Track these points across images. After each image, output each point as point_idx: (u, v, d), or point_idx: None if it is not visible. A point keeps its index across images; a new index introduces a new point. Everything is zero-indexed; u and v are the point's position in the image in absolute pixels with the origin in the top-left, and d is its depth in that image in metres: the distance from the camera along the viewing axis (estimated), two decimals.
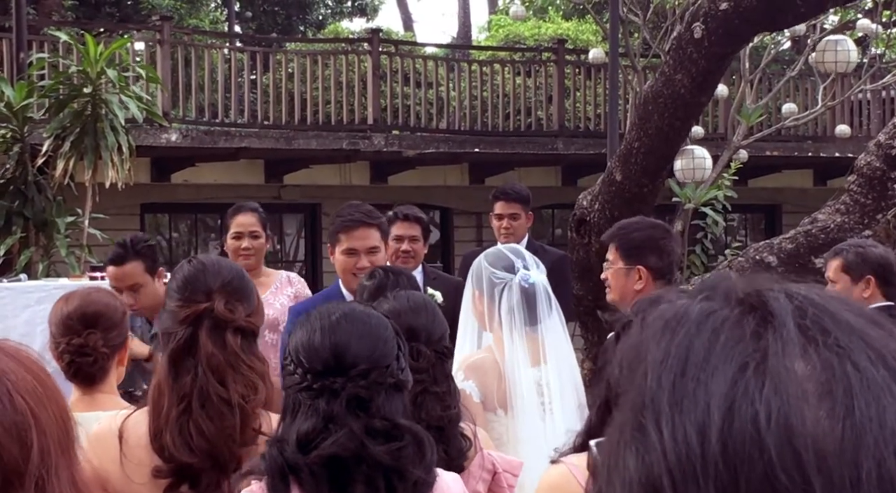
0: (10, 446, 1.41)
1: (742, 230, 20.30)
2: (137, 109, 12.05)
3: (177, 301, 3.00)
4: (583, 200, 7.80)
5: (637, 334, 0.89)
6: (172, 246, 17.34)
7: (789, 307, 0.84)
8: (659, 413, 0.81)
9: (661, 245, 4.68)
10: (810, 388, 0.80)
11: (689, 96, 7.20)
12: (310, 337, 2.58)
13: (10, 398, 1.44)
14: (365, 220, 5.20)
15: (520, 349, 4.34)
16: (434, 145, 16.10)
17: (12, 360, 1.48)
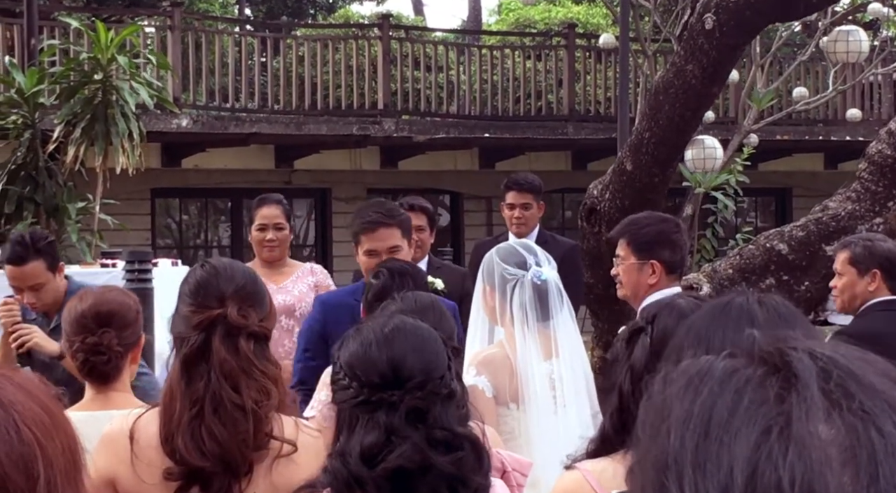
0: (16, 477, 1.41)
1: (752, 213, 20.27)
2: (148, 96, 12.06)
3: (189, 306, 3.00)
4: (593, 189, 7.80)
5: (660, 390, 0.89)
6: (182, 230, 17.36)
7: (813, 369, 0.84)
8: (682, 475, 0.81)
9: (674, 239, 4.68)
10: (834, 453, 0.80)
11: (701, 87, 7.18)
12: (365, 351, 2.60)
13: (17, 430, 1.43)
14: (384, 220, 5.13)
15: (532, 344, 4.35)
16: (444, 130, 16.08)
17: (20, 390, 1.47)
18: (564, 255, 6.78)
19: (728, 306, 2.00)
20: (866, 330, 5.21)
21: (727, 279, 7.80)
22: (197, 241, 17.49)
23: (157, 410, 2.99)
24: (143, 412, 3.02)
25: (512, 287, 4.37)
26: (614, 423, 2.44)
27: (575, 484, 2.52)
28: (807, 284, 7.96)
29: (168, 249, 16.47)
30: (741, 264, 7.81)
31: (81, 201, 12.35)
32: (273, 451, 2.93)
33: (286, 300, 6.18)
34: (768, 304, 2.00)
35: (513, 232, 7.14)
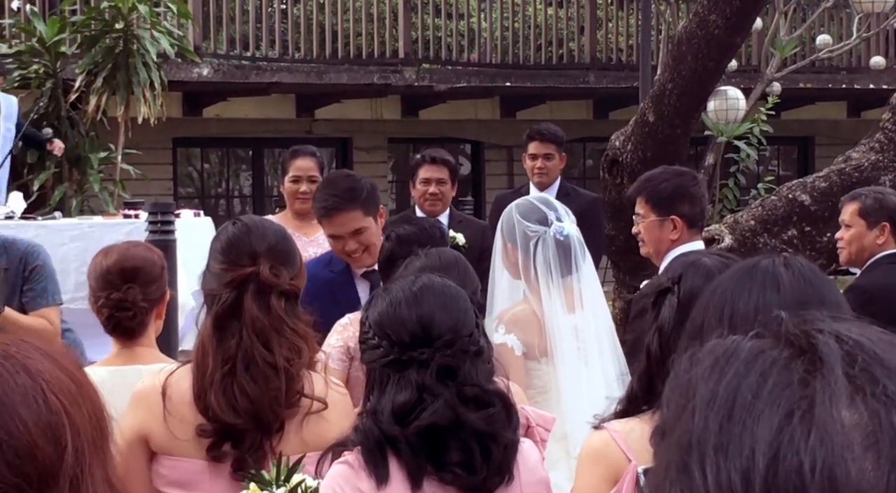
0: (44, 445, 1.42)
1: (774, 162, 20.17)
2: (169, 44, 12.06)
3: (221, 263, 3.02)
4: (615, 140, 7.78)
5: (686, 370, 0.90)
6: (204, 179, 17.39)
7: (839, 353, 0.84)
8: (704, 456, 0.82)
9: (692, 192, 4.65)
10: (856, 438, 0.80)
11: (724, 37, 7.14)
12: (395, 310, 2.62)
13: (45, 398, 1.44)
14: (340, 205, 4.65)
15: (556, 299, 4.36)
16: (465, 79, 16.02)
17: (47, 359, 1.48)
18: (586, 208, 6.78)
19: (754, 268, 2.00)
20: (878, 284, 5.20)
21: (749, 231, 7.78)
22: (218, 190, 17.52)
23: (188, 366, 3.01)
24: (174, 368, 3.05)
25: (534, 244, 4.37)
26: (642, 384, 2.45)
27: (603, 444, 2.54)
28: (829, 235, 7.93)
29: (190, 198, 16.50)
30: (763, 215, 7.79)
31: (103, 151, 12.39)
32: (304, 408, 2.96)
33: (317, 252, 6.19)
34: (794, 266, 2.00)
35: (534, 183, 7.13)
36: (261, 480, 2.73)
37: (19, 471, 1.40)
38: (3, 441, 1.40)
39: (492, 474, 2.62)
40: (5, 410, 1.42)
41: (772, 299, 1.93)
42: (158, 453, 3.02)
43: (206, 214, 10.64)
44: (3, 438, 1.40)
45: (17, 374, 1.44)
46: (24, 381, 1.44)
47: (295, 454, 2.87)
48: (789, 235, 7.79)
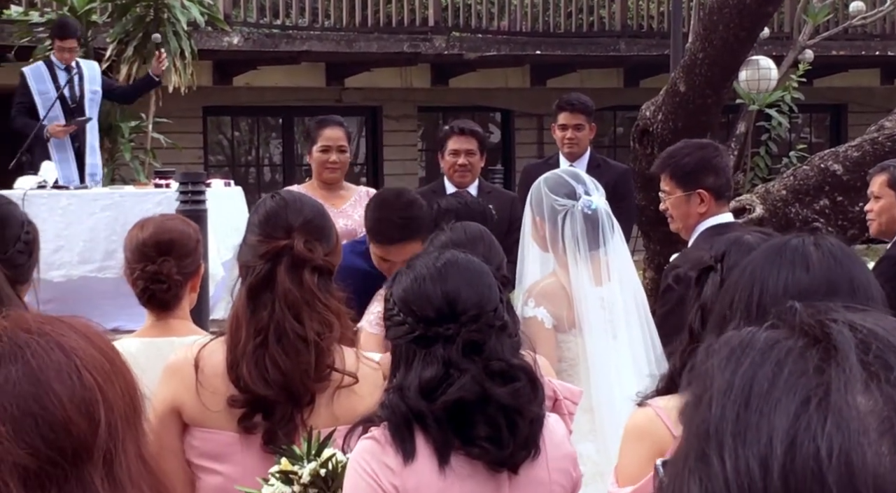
0: (78, 421, 1.45)
1: (807, 130, 20.05)
2: (199, 13, 12.07)
3: (258, 236, 3.04)
4: (646, 110, 7.75)
5: (704, 360, 0.91)
6: (234, 146, 17.43)
7: (853, 341, 0.85)
8: (722, 444, 0.83)
9: (716, 164, 4.63)
10: (872, 424, 0.81)
11: (755, 6, 7.09)
12: (419, 286, 2.63)
13: (79, 374, 1.48)
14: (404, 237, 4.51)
15: (584, 272, 4.36)
16: (495, 47, 15.98)
17: (81, 337, 1.52)
18: (617, 179, 6.76)
19: (784, 247, 2.00)
20: None
21: (780, 201, 7.75)
22: (248, 158, 17.56)
23: (221, 339, 3.03)
24: (207, 341, 3.07)
25: (562, 218, 4.37)
26: (684, 361, 2.45)
27: (648, 421, 2.54)
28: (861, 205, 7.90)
29: (220, 166, 16.55)
30: (795, 184, 7.76)
31: (134, 120, 12.43)
32: (334, 382, 2.98)
33: (347, 225, 6.21)
34: (824, 245, 1.99)
35: (564, 153, 7.10)
36: (292, 455, 2.75)
37: (54, 445, 1.43)
38: (39, 416, 1.43)
39: (518, 448, 2.63)
40: (40, 385, 1.45)
41: (801, 278, 1.93)
42: (191, 425, 3.05)
43: (236, 182, 10.67)
44: (39, 412, 1.44)
45: (52, 351, 1.48)
46: (59, 358, 1.47)
47: (325, 427, 2.89)
48: (821, 205, 7.76)
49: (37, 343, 1.48)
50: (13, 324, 1.52)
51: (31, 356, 1.47)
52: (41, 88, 10.00)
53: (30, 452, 1.42)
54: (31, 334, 1.50)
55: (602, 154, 9.55)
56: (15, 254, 3.12)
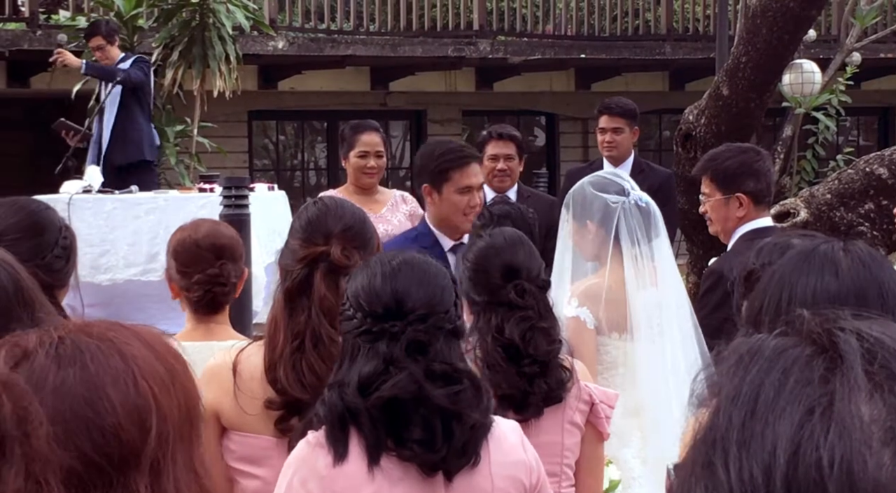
0: (129, 428, 1.48)
1: (854, 133, 19.91)
2: (244, 18, 12.13)
3: (298, 240, 3.07)
4: (689, 114, 7.72)
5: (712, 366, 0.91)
6: (280, 150, 17.51)
7: (859, 351, 0.85)
8: (727, 452, 0.84)
9: (757, 168, 4.62)
10: (875, 433, 0.82)
11: (799, 10, 7.07)
12: (370, 282, 2.62)
13: (135, 382, 1.51)
14: (467, 154, 5.01)
15: (642, 270, 4.37)
16: (540, 51, 15.97)
17: (145, 346, 1.55)
18: (661, 183, 6.75)
19: (813, 252, 1.99)
20: None
21: (825, 204, 7.71)
22: (294, 162, 17.64)
23: (259, 343, 3.06)
24: (245, 345, 3.09)
25: (618, 214, 4.38)
26: None
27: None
28: None
29: (265, 170, 16.63)
30: (839, 188, 7.71)
31: (180, 124, 12.52)
32: None
33: (388, 229, 6.24)
34: (853, 251, 1.99)
35: (605, 157, 7.10)
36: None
37: (102, 451, 1.46)
38: (91, 420, 1.47)
39: (454, 454, 2.58)
40: (95, 390, 1.48)
41: (830, 284, 1.92)
42: (229, 428, 3.07)
43: (282, 186, 10.71)
44: (91, 417, 1.47)
45: (112, 357, 1.51)
46: (117, 364, 1.51)
47: None
48: (866, 208, 7.70)
49: (97, 348, 1.52)
50: (79, 329, 1.55)
51: (89, 361, 1.51)
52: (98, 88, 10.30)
53: (76, 455, 1.45)
54: (93, 339, 1.53)
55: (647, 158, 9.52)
56: (52, 259, 3.15)
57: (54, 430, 1.43)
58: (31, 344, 1.53)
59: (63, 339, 1.52)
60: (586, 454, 3.51)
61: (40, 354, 1.51)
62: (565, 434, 3.45)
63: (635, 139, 7.30)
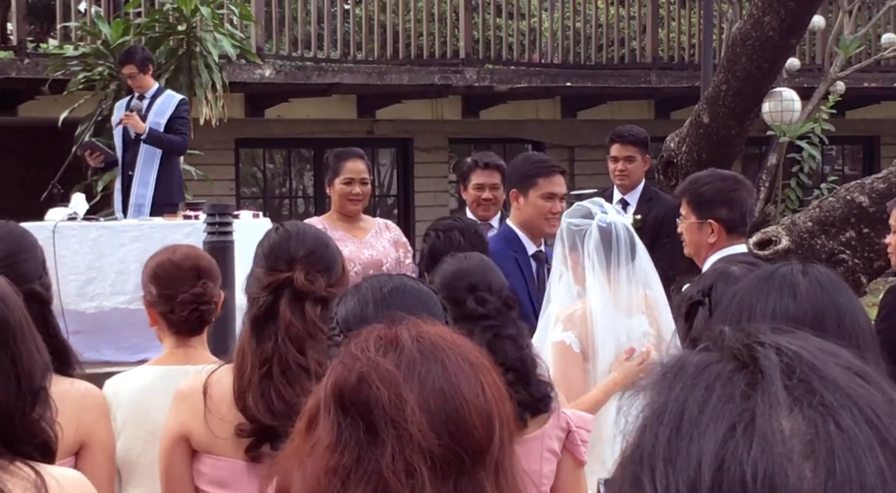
0: (480, 427, 1.61)
1: (840, 161, 19.99)
2: (231, 47, 12.17)
3: (262, 268, 3.08)
4: (670, 142, 7.77)
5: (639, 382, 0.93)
6: (267, 177, 17.53)
7: (778, 366, 0.87)
8: (654, 469, 0.86)
9: (732, 197, 4.65)
10: (796, 447, 0.83)
11: (778, 39, 7.12)
12: (362, 309, 2.60)
13: (483, 389, 1.64)
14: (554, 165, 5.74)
15: (604, 296, 4.37)
16: (526, 79, 16.03)
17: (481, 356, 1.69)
18: (667, 213, 6.75)
19: (772, 275, 2.02)
20: None
21: (806, 232, 7.75)
22: (282, 190, 17.65)
23: (229, 366, 3.07)
24: (215, 368, 3.10)
25: (581, 238, 4.40)
26: None
27: None
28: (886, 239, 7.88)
29: (253, 198, 16.65)
30: (821, 216, 7.75)
31: None
32: None
33: (374, 255, 6.25)
34: (811, 274, 2.02)
35: (616, 185, 7.12)
36: None
37: (459, 442, 1.59)
38: (450, 414, 1.60)
39: None
40: (453, 387, 1.62)
41: (788, 306, 1.95)
42: (199, 451, 3.08)
43: (270, 214, 10.73)
44: (450, 411, 1.60)
45: (463, 362, 1.65)
46: (468, 370, 1.65)
47: None
48: (847, 236, 7.74)
49: (450, 349, 1.66)
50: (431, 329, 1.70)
51: (446, 359, 1.64)
52: (117, 117, 10.24)
53: (441, 443, 1.58)
54: (445, 340, 1.68)
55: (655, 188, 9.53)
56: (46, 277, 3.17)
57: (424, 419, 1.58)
58: (398, 336, 1.66)
59: (422, 336, 1.66)
60: (565, 480, 3.50)
61: (408, 345, 1.64)
62: (543, 462, 3.45)
63: (647, 167, 7.31)
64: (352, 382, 1.63)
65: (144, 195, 10.18)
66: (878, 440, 0.84)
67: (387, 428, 1.58)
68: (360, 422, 1.60)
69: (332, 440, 1.61)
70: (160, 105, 10.29)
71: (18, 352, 2.15)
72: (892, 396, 0.88)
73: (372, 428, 1.59)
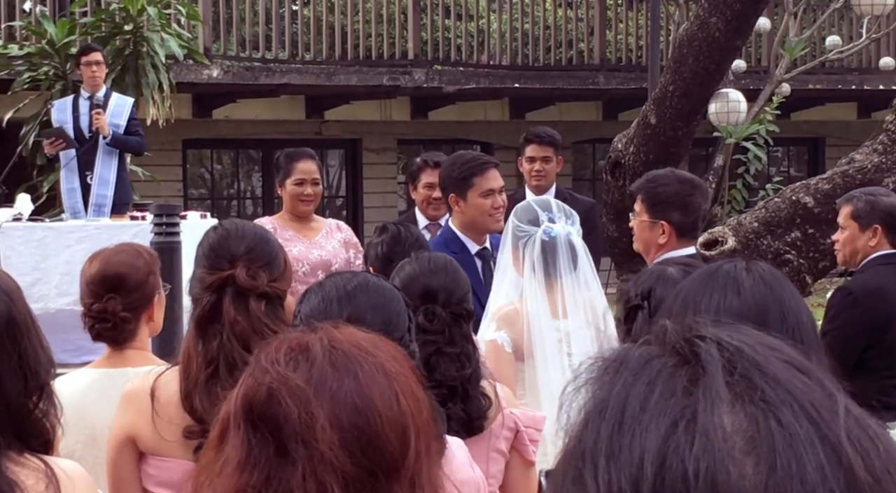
0: (394, 441, 1.56)
1: (785, 162, 20.17)
2: (178, 47, 12.11)
3: (203, 268, 3.06)
4: (618, 142, 7.81)
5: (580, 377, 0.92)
6: (215, 180, 17.45)
7: (719, 361, 0.87)
8: (597, 465, 0.85)
9: (687, 202, 4.66)
10: (737, 444, 0.83)
11: (724, 40, 7.17)
12: (326, 306, 2.59)
13: (398, 400, 1.59)
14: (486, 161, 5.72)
15: (541, 301, 4.37)
16: (474, 80, 16.06)
17: (400, 365, 1.63)
18: (585, 213, 6.78)
19: (716, 272, 2.04)
20: (868, 285, 5.21)
21: (752, 233, 7.80)
22: (230, 191, 17.58)
23: (177, 368, 3.04)
24: (163, 370, 3.07)
25: (524, 244, 4.40)
26: None
27: None
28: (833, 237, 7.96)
29: (201, 199, 16.56)
30: (766, 216, 7.81)
31: None
32: None
33: (323, 255, 6.23)
34: (755, 271, 2.03)
35: (531, 186, 7.10)
36: None
37: (371, 458, 1.55)
38: (362, 429, 1.56)
39: None
40: (366, 402, 1.57)
41: (732, 303, 1.96)
42: (147, 453, 3.05)
43: (218, 215, 10.67)
44: (363, 426, 1.56)
45: (378, 372, 1.60)
46: (382, 380, 1.59)
47: None
48: (793, 237, 7.81)
49: (364, 359, 1.60)
50: (346, 337, 1.65)
51: (359, 371, 1.59)
52: (60, 117, 10.16)
53: (353, 460, 1.54)
54: (360, 350, 1.62)
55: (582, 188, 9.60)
56: None
57: (336, 437, 1.53)
58: (308, 347, 1.61)
59: (335, 346, 1.61)
60: (514, 480, 3.49)
61: (319, 358, 1.59)
62: (490, 462, 3.44)
63: (560, 169, 7.33)
64: (261, 397, 1.58)
65: (105, 195, 10.12)
66: (818, 436, 0.84)
67: (297, 447, 1.53)
68: (269, 440, 1.56)
69: (241, 457, 1.57)
70: (116, 107, 10.25)
71: (25, 349, 2.17)
72: (832, 391, 0.88)
73: (282, 447, 1.55)
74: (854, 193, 5.61)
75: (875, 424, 0.88)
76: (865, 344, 5.09)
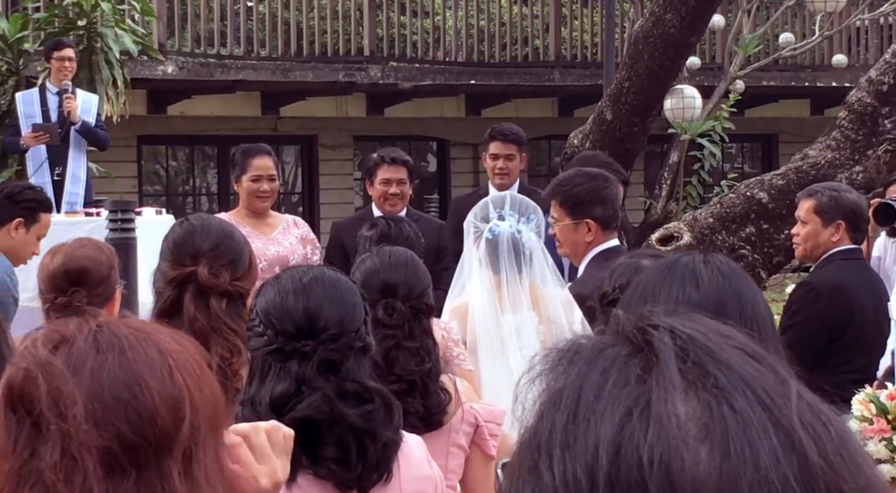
0: (165, 415, 1.56)
1: (739, 159, 20.29)
2: (132, 43, 12.03)
3: (167, 262, 3.05)
4: (574, 138, 7.84)
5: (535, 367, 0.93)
6: (170, 177, 17.36)
7: (672, 349, 0.88)
8: (552, 455, 0.86)
9: (605, 195, 4.71)
10: (691, 431, 0.84)
11: (679, 36, 7.21)
12: (282, 299, 2.59)
13: (171, 373, 1.59)
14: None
15: (487, 297, 4.40)
16: (430, 77, 16.06)
17: (176, 342, 1.64)
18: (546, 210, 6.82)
19: (674, 265, 2.06)
20: (830, 280, 5.24)
21: (708, 228, 7.86)
22: (186, 187, 17.50)
23: None
24: None
25: (475, 239, 4.44)
26: None
27: None
28: (786, 232, 8.03)
29: (156, 196, 16.48)
30: (722, 212, 7.87)
31: None
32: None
33: (280, 251, 6.24)
34: (713, 263, 2.05)
35: (495, 184, 7.12)
36: None
37: (139, 433, 1.54)
38: (128, 403, 1.55)
39: (368, 471, 2.61)
40: (133, 375, 1.57)
41: (691, 295, 1.98)
42: None
43: (174, 212, 10.62)
44: (128, 400, 1.55)
45: (148, 347, 1.60)
46: (154, 355, 1.60)
47: None
48: (747, 232, 7.87)
49: (134, 338, 1.61)
50: (115, 321, 1.65)
51: (127, 348, 1.59)
52: (28, 110, 10.06)
53: (114, 435, 1.53)
54: (131, 329, 1.62)
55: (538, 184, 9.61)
56: None
57: (92, 411, 1.52)
58: (69, 331, 1.60)
59: (101, 327, 1.61)
60: (474, 475, 3.50)
61: (79, 339, 1.59)
62: (450, 457, 3.44)
63: (523, 166, 7.35)
64: (18, 381, 1.58)
65: (77, 193, 10.07)
66: (770, 422, 0.85)
67: (49, 426, 1.53)
68: (26, 422, 1.56)
69: (2, 442, 1.57)
70: (83, 103, 10.19)
71: None
72: (785, 376, 0.89)
73: (37, 427, 1.55)
74: (816, 187, 5.63)
75: (827, 409, 0.89)
76: (827, 339, 5.12)
